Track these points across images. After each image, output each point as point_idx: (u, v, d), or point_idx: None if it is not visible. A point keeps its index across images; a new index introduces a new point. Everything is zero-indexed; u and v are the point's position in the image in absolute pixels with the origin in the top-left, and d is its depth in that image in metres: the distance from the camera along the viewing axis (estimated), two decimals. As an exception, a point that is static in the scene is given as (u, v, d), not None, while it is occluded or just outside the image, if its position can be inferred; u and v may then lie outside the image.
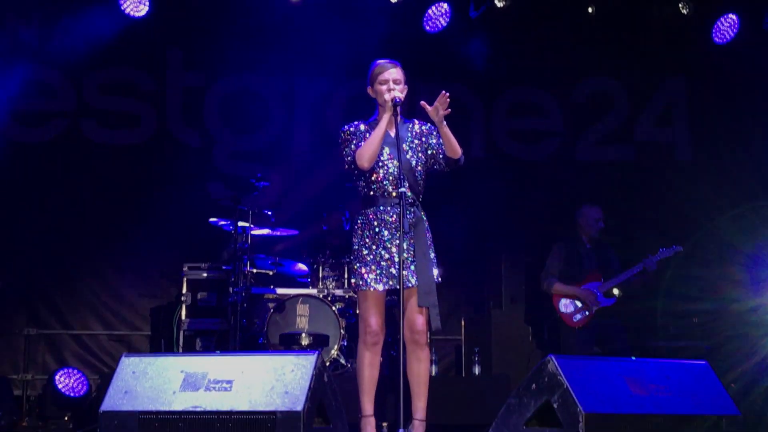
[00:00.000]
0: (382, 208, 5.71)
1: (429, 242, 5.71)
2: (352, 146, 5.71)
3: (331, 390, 4.52)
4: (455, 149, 5.71)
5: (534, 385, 4.44)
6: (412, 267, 5.52)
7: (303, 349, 8.01)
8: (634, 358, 4.70)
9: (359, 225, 5.78)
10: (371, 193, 5.75)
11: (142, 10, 9.60)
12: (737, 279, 9.42)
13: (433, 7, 9.83)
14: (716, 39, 10.11)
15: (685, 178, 10.23)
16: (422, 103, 5.63)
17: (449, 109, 5.56)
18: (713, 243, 9.65)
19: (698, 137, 10.55)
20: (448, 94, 5.54)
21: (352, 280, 5.83)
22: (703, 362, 4.71)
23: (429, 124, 5.81)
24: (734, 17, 10.03)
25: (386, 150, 5.69)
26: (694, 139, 10.60)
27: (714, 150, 10.21)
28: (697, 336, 9.23)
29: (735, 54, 9.98)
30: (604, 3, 9.91)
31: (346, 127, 5.81)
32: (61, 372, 9.22)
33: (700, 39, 10.10)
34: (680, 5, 9.90)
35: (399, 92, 5.62)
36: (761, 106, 9.92)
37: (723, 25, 10.08)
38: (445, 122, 5.62)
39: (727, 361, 8.17)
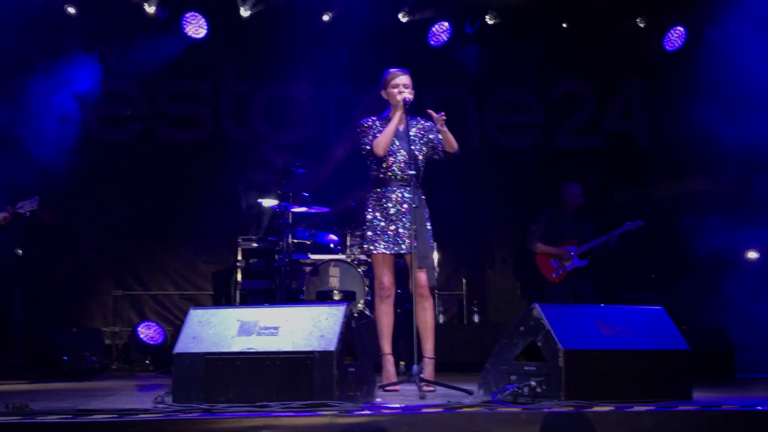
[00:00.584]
0: (390, 188, 5.77)
1: (427, 217, 5.75)
2: (369, 137, 5.75)
3: (358, 334, 4.52)
4: (452, 145, 5.79)
5: (522, 328, 4.43)
6: (415, 236, 5.54)
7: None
8: (603, 305, 4.69)
9: (371, 202, 5.84)
10: (381, 175, 5.81)
11: (201, 33, 9.62)
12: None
13: (436, 25, 9.81)
14: (667, 47, 10.05)
15: (644, 161, 10.19)
16: (429, 110, 5.70)
17: (445, 118, 5.62)
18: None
19: (654, 128, 10.47)
20: (444, 116, 5.64)
21: (365, 246, 5.87)
22: (659, 308, 4.69)
23: (431, 123, 5.83)
24: (681, 29, 9.99)
25: (396, 141, 5.73)
26: (651, 129, 10.53)
27: (666, 137, 10.13)
28: (655, 289, 9.23)
29: (682, 59, 9.90)
30: (576, 18, 9.88)
31: (362, 121, 5.85)
32: (142, 324, 9.28)
33: (654, 47, 10.03)
34: (638, 20, 9.87)
35: (408, 94, 5.65)
36: (703, 100, 9.85)
37: (673, 35, 10.03)
38: (445, 127, 5.68)
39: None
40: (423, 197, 5.72)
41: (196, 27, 9.60)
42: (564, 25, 9.94)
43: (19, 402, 4.08)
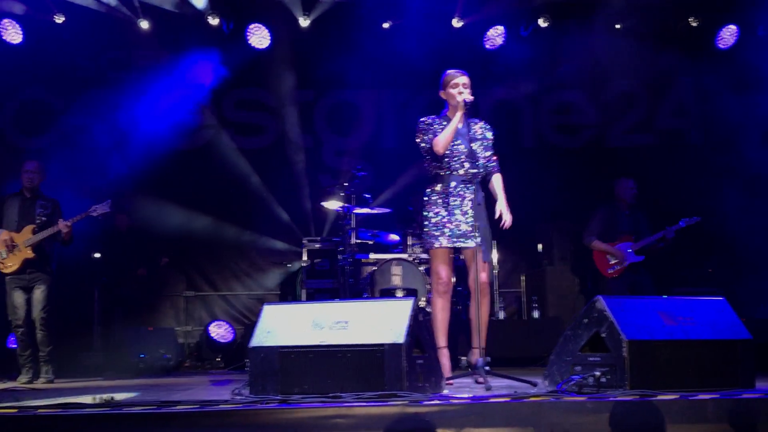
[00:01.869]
0: (450, 185, 5.76)
1: (485, 213, 5.74)
2: (429, 135, 5.75)
3: (425, 328, 4.54)
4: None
5: (586, 320, 4.40)
6: (474, 231, 5.52)
7: (399, 300, 8.05)
8: (665, 297, 4.63)
9: (431, 197, 5.82)
10: (441, 173, 5.80)
11: (265, 43, 9.75)
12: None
13: (491, 29, 9.79)
14: (720, 45, 9.90)
15: (697, 158, 10.04)
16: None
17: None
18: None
19: (707, 124, 10.31)
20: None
21: (424, 241, 5.87)
22: (722, 298, 4.62)
23: (490, 129, 5.84)
24: (734, 27, 9.82)
25: (456, 140, 5.74)
26: (704, 126, 10.37)
27: (719, 133, 9.97)
28: (712, 283, 9.07)
29: (735, 56, 9.74)
30: (628, 18, 9.76)
31: (423, 119, 5.87)
32: (213, 324, 9.41)
33: (707, 45, 9.88)
34: (690, 19, 9.72)
35: (468, 95, 5.64)
36: (756, 98, 9.68)
37: (725, 33, 9.87)
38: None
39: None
40: (482, 195, 5.71)
41: (259, 38, 9.73)
42: (617, 26, 9.84)
43: (105, 395, 4.18)
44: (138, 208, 9.60)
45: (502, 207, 5.80)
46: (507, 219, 5.79)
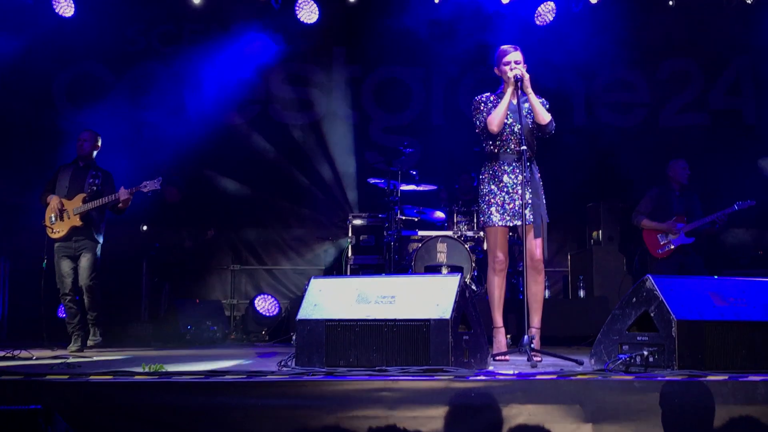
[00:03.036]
0: (505, 162, 5.71)
1: (541, 190, 5.66)
2: (484, 114, 5.70)
3: (472, 304, 4.53)
4: (541, 117, 5.61)
5: (634, 299, 4.36)
6: (529, 209, 5.47)
7: (444, 278, 8.06)
8: (716, 277, 4.57)
9: (486, 175, 5.78)
10: (496, 150, 5.74)
11: (313, 18, 9.76)
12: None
13: (542, 5, 9.68)
14: (777, 23, 9.69)
15: (752, 138, 9.85)
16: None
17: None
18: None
19: (762, 104, 10.11)
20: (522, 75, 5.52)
21: (481, 218, 5.84)
22: (773, 279, 4.56)
23: (543, 100, 5.75)
24: (793, 3, 9.58)
25: (510, 116, 5.66)
26: (759, 106, 10.17)
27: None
28: (763, 265, 8.93)
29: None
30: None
31: (478, 97, 5.80)
32: (259, 297, 9.48)
33: (763, 23, 9.65)
34: (746, -4, 9.52)
35: (520, 70, 5.57)
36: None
37: (782, 10, 9.64)
38: (531, 91, 5.56)
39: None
40: (537, 171, 5.66)
41: (308, 12, 9.75)
42: (670, 3, 9.66)
43: (154, 364, 4.26)
44: (186, 181, 9.70)
45: None
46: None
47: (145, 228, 9.46)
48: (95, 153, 7.46)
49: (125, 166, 8.14)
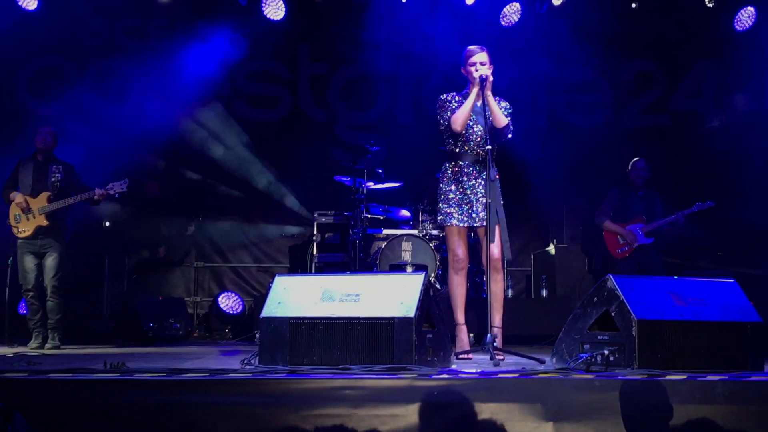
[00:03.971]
0: (466, 162, 5.77)
1: (500, 192, 5.71)
2: (448, 113, 5.74)
3: (435, 303, 4.55)
4: (497, 119, 5.66)
5: (596, 298, 4.41)
6: (488, 209, 5.51)
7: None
8: (676, 278, 4.63)
9: (447, 175, 5.84)
10: (458, 150, 5.80)
11: (280, 14, 9.71)
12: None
13: (508, 6, 9.73)
14: (737, 27, 9.80)
15: (713, 141, 9.98)
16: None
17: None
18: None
19: (723, 107, 10.26)
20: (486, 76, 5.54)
21: (439, 218, 5.89)
22: (732, 280, 4.62)
23: (506, 104, 5.81)
24: (752, 9, 9.71)
25: (473, 117, 5.72)
26: (719, 109, 10.31)
27: (736, 116, 9.92)
28: (722, 266, 9.05)
29: (752, 39, 9.65)
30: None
31: (443, 96, 5.85)
32: (223, 295, 9.46)
33: (724, 27, 9.78)
34: (706, 0, 9.61)
35: (485, 71, 5.61)
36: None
37: (743, 15, 9.76)
38: (490, 94, 5.59)
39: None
40: (497, 173, 5.70)
41: (274, 9, 9.71)
42: (633, 5, 9.77)
43: (116, 361, 4.22)
44: (149, 177, 9.64)
45: None
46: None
47: (107, 224, 9.37)
48: (53, 147, 7.37)
49: (87, 161, 8.03)
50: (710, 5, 9.61)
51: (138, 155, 9.47)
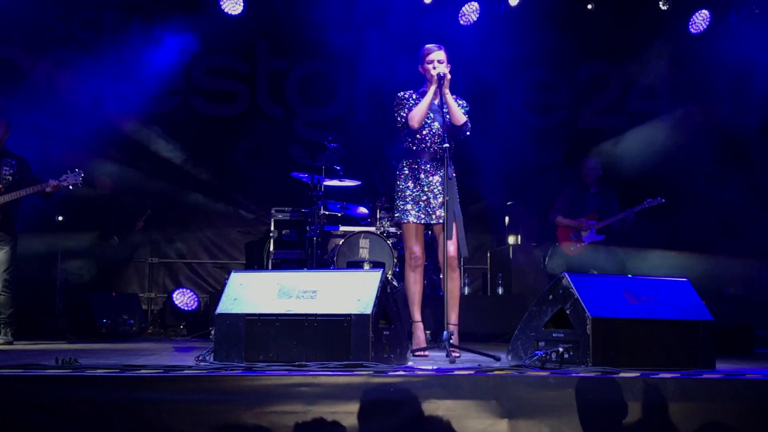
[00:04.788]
0: (423, 160, 5.79)
1: (456, 189, 5.73)
2: (405, 110, 5.75)
3: (393, 300, 4.55)
4: (455, 117, 5.69)
5: (551, 296, 4.44)
6: (445, 207, 5.53)
7: (366, 273, 8.06)
8: (630, 276, 4.68)
9: (404, 172, 5.85)
10: (415, 147, 5.81)
11: (238, 9, 9.62)
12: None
13: (466, 5, 9.75)
14: (692, 30, 9.93)
15: (667, 140, 10.10)
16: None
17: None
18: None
19: (677, 107, 10.39)
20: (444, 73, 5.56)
21: (396, 215, 5.88)
22: (685, 279, 4.68)
23: (463, 102, 5.83)
24: (706, 12, 9.85)
25: (431, 115, 5.73)
26: (673, 109, 10.45)
27: (690, 117, 10.06)
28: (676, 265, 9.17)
29: (707, 41, 9.79)
30: (601, 1, 9.78)
31: (400, 94, 5.86)
32: (177, 291, 9.36)
33: (679, 29, 9.92)
34: (660, 3, 9.72)
35: (443, 69, 5.63)
36: (727, 82, 9.77)
37: (697, 18, 9.89)
38: (448, 92, 5.61)
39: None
40: (454, 171, 5.72)
41: (232, 4, 9.61)
42: (589, 7, 9.85)
43: (68, 357, 4.15)
44: (103, 172, 9.50)
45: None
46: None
47: (60, 218, 9.22)
48: (5, 139, 7.24)
49: (40, 154, 7.90)
50: (665, 8, 9.73)
51: (92, 149, 9.32)
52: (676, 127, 10.03)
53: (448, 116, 5.64)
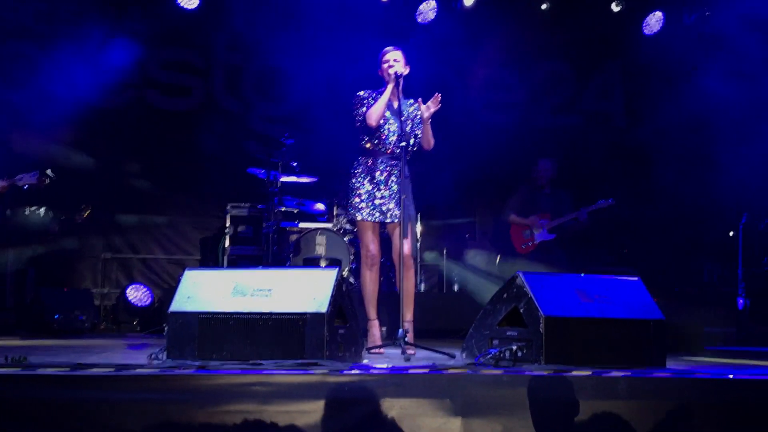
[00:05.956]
0: (379, 159, 5.82)
1: (410, 187, 5.76)
2: (363, 108, 5.77)
3: (348, 298, 4.55)
4: (428, 141, 5.85)
5: (505, 295, 4.48)
6: (400, 205, 5.56)
7: (323, 270, 8.05)
8: (583, 275, 4.73)
9: (360, 170, 5.87)
10: (371, 147, 5.84)
11: (194, 3, 9.52)
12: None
13: (424, 3, 9.75)
14: (645, 31, 10.02)
15: (621, 141, 10.23)
16: (419, 100, 5.74)
17: (440, 104, 5.64)
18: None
19: (631, 108, 10.53)
20: (440, 95, 5.63)
21: (352, 213, 5.90)
22: (636, 278, 4.75)
23: (422, 101, 5.87)
24: (660, 14, 9.95)
25: (388, 114, 5.76)
26: (628, 110, 10.58)
27: (642, 118, 10.19)
28: (627, 264, 9.29)
29: (661, 43, 9.91)
30: (554, 1, 9.86)
31: (360, 93, 5.89)
32: (131, 287, 9.24)
33: (633, 31, 10.02)
34: (613, 4, 9.80)
35: (400, 68, 5.68)
36: (679, 85, 9.91)
37: (651, 20, 9.99)
38: (428, 122, 5.72)
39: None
40: (408, 170, 5.74)
41: (188, -2, 9.52)
42: (543, 7, 9.91)
43: (18, 355, 4.08)
44: (59, 168, 9.34)
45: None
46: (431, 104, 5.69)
47: (9, 212, 9.05)
48: None
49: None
50: (617, 9, 9.82)
51: (44, 143, 9.17)
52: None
53: (405, 120, 5.68)
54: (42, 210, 9.02)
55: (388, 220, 5.81)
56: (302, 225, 8.74)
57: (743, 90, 9.16)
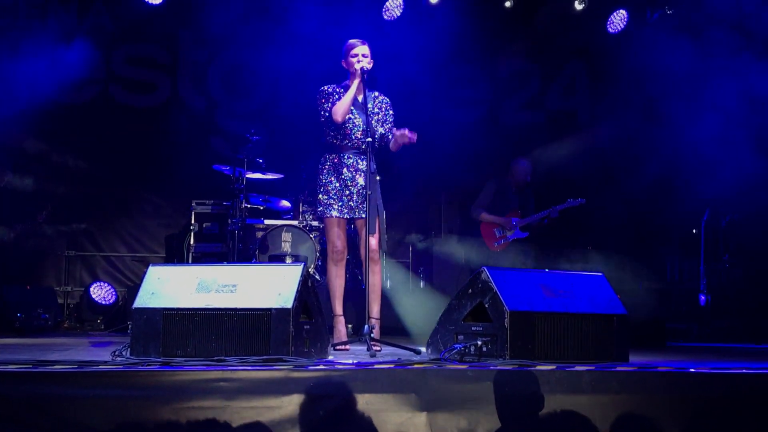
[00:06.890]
0: (345, 154, 5.83)
1: (377, 183, 5.77)
2: (329, 104, 5.77)
3: (314, 294, 4.54)
4: (396, 148, 5.88)
5: (470, 290, 4.50)
6: (367, 201, 5.57)
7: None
8: (547, 270, 4.77)
9: (326, 166, 5.88)
10: (337, 142, 5.84)
11: (158, -1, 9.45)
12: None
13: (390, 0, 9.76)
14: (610, 29, 10.08)
15: (586, 139, 10.30)
16: (394, 130, 5.82)
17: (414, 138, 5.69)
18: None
19: (595, 106, 10.61)
20: (415, 138, 5.69)
21: (318, 209, 5.90)
22: (600, 274, 4.80)
23: (388, 100, 5.89)
24: (624, 12, 10.02)
25: (354, 110, 5.77)
26: (592, 108, 10.66)
27: (607, 116, 10.28)
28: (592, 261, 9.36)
29: (625, 41, 10.00)
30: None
31: (324, 87, 5.90)
32: (95, 285, 9.17)
33: (597, 29, 10.09)
34: (576, 3, 9.85)
35: (366, 64, 5.68)
36: (644, 84, 10.00)
37: (615, 18, 10.05)
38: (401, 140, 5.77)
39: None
40: (374, 165, 5.75)
41: (152, -7, 9.44)
42: (507, 5, 9.95)
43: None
44: (20, 164, 9.24)
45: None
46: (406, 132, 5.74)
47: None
48: None
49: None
50: (580, 8, 9.88)
51: (3, 139, 9.05)
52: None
53: (371, 115, 5.71)
54: None
55: (356, 216, 5.82)
56: (268, 222, 8.72)
57: (707, 87, 9.26)
